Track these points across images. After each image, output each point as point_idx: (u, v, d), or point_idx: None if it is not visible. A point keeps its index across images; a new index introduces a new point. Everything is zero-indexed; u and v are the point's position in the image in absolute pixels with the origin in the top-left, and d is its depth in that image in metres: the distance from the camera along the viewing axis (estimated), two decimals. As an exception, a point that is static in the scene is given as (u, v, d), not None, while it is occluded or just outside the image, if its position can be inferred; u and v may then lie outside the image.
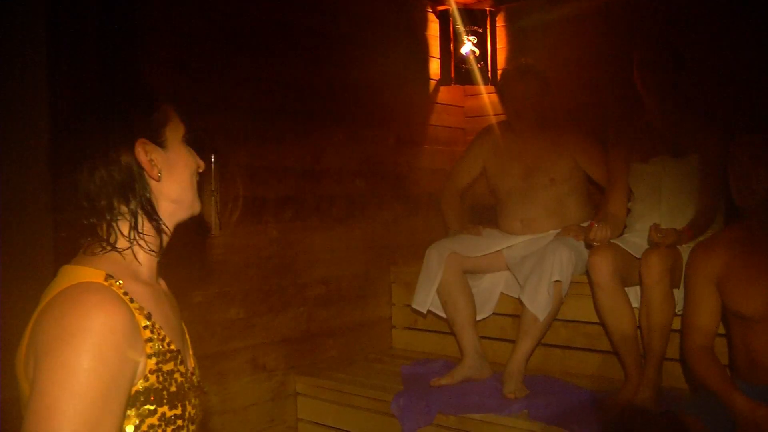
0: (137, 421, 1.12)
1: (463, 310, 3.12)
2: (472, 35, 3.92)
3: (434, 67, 3.97)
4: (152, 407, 1.13)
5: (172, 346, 1.20)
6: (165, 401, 1.15)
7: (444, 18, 3.95)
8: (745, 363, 2.19)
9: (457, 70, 3.94)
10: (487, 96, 4.03)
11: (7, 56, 2.98)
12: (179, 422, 1.17)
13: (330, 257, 3.37)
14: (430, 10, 3.96)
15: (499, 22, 4.03)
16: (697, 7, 3.33)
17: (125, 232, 1.22)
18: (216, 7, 2.87)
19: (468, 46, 3.92)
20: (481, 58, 3.94)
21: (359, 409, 3.01)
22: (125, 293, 1.16)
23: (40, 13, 2.73)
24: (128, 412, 1.11)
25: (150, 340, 1.15)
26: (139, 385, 1.12)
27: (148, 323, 1.17)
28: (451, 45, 3.93)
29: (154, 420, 1.14)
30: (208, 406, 2.85)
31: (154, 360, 1.15)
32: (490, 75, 3.97)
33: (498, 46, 4.02)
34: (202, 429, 1.38)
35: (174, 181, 1.27)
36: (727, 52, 3.24)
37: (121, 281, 1.17)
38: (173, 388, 1.17)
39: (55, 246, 2.65)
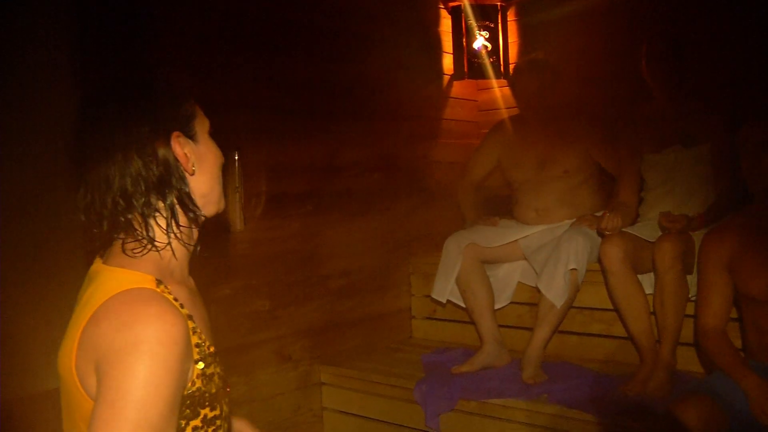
0: (183, 424, 1.13)
1: (481, 299, 3.21)
2: (483, 30, 3.99)
3: (447, 62, 4.05)
4: (196, 410, 1.14)
5: (212, 349, 1.20)
6: (207, 404, 1.16)
7: (456, 14, 4.02)
8: (756, 343, 2.26)
9: (470, 65, 4.02)
10: (499, 90, 4.10)
11: (32, 53, 3.08)
12: (218, 422, 1.18)
13: (350, 249, 3.45)
14: (442, 6, 4.03)
15: (510, 17, 4.10)
16: (702, 2, 3.39)
17: (163, 227, 1.20)
18: (236, 8, 2.95)
19: (480, 41, 3.99)
20: (493, 52, 4.01)
21: (382, 396, 3.10)
22: (175, 299, 1.16)
23: (64, 17, 2.82)
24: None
25: (198, 345, 1.16)
26: (187, 390, 1.13)
27: (195, 328, 1.17)
28: (464, 40, 4.01)
29: (197, 422, 1.15)
30: (235, 396, 2.95)
31: (200, 365, 1.15)
32: (502, 69, 4.04)
33: (510, 41, 4.09)
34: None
35: (205, 175, 1.25)
36: (732, 42, 3.30)
37: (169, 287, 1.17)
38: (213, 390, 1.18)
39: (84, 246, 2.75)
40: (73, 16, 2.78)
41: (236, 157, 2.92)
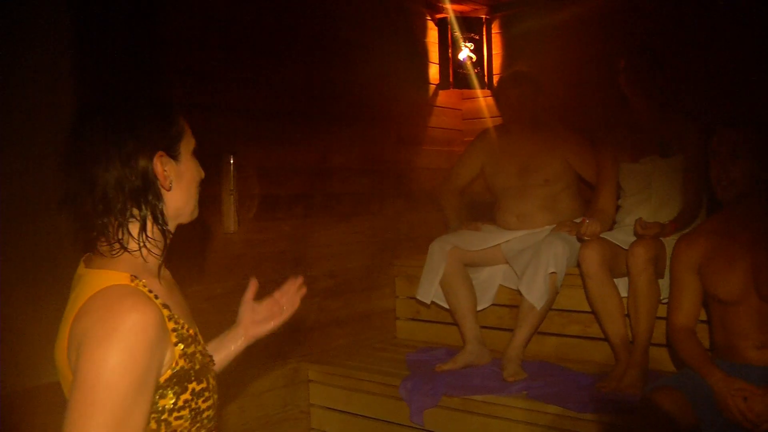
0: (174, 398, 1.28)
1: (464, 300, 3.33)
2: (469, 42, 4.13)
3: (433, 71, 4.18)
4: (184, 385, 1.30)
5: (191, 331, 1.35)
6: (193, 378, 1.31)
7: (442, 25, 4.16)
8: (723, 343, 2.39)
9: (455, 75, 4.15)
10: (483, 99, 4.24)
11: (34, 56, 3.15)
12: (206, 394, 1.35)
13: (338, 251, 3.57)
14: (429, 17, 4.16)
15: (495, 29, 4.24)
16: (675, 14, 3.56)
17: (134, 234, 1.32)
18: (229, 15, 3.05)
19: (465, 52, 4.13)
20: (478, 63, 4.15)
21: (368, 393, 3.21)
22: (150, 291, 1.30)
23: (65, 20, 2.90)
24: (165, 392, 1.27)
25: (174, 330, 1.30)
26: (171, 370, 1.28)
27: (171, 314, 1.31)
28: (449, 51, 4.14)
29: (187, 395, 1.30)
30: (226, 392, 3.04)
31: (180, 346, 1.30)
32: (486, 79, 4.18)
33: (493, 52, 4.24)
34: (220, 412, 1.57)
35: (182, 191, 1.37)
36: (705, 55, 3.46)
37: (144, 281, 1.30)
38: (197, 366, 1.33)
39: (73, 241, 2.83)
40: (74, 21, 2.86)
41: (231, 161, 3.02)
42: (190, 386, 1.31)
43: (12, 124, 3.13)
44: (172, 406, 1.28)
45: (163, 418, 1.28)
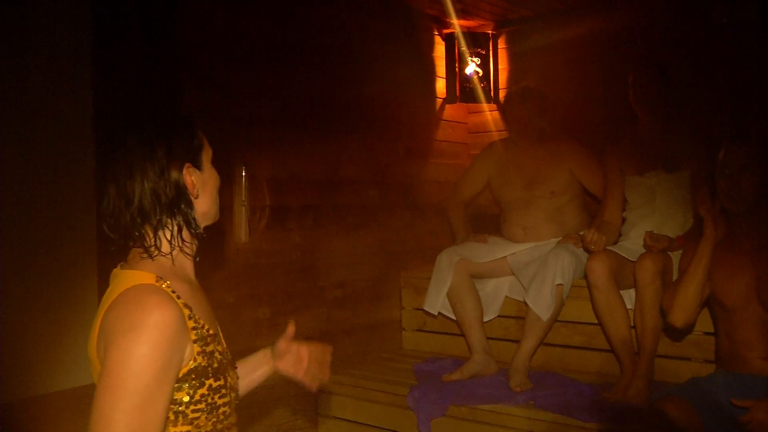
0: (191, 392, 1.37)
1: (471, 311, 3.38)
2: (475, 57, 4.20)
3: (440, 86, 4.25)
4: (201, 380, 1.38)
5: (210, 331, 1.43)
6: (210, 375, 1.39)
7: (449, 40, 4.23)
8: (727, 352, 2.43)
9: (462, 89, 4.22)
10: (489, 113, 4.30)
11: (55, 71, 3.22)
12: (223, 391, 1.42)
13: (346, 261, 3.62)
14: (436, 33, 4.23)
15: (501, 44, 4.31)
16: (681, 29, 3.63)
17: (168, 239, 1.43)
18: (244, 28, 3.12)
19: (472, 67, 4.19)
20: (484, 78, 4.22)
21: (376, 403, 3.24)
22: (173, 291, 1.39)
23: (86, 30, 2.96)
24: (183, 386, 1.36)
25: (194, 328, 1.39)
26: (190, 365, 1.36)
27: (191, 314, 1.40)
28: (456, 66, 4.21)
29: (203, 390, 1.38)
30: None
31: (198, 344, 1.39)
32: (492, 94, 4.25)
33: (500, 67, 4.30)
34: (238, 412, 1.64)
35: (206, 197, 1.49)
36: (711, 69, 3.53)
37: (168, 282, 1.40)
38: (215, 365, 1.41)
39: (99, 252, 2.88)
40: (94, 31, 2.93)
41: (243, 173, 3.08)
42: (207, 382, 1.39)
43: (36, 127, 3.20)
44: (188, 399, 1.36)
45: (180, 410, 1.36)
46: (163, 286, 1.38)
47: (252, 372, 1.79)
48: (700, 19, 3.55)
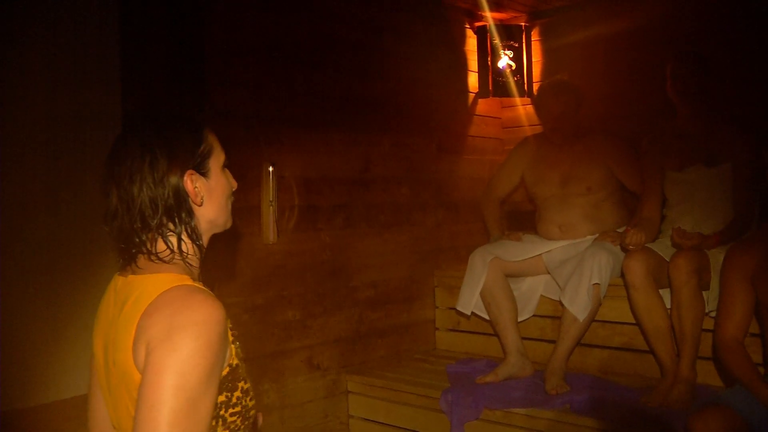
0: (229, 395, 1.32)
1: (506, 312, 3.29)
2: (508, 50, 4.11)
3: (473, 80, 4.16)
4: (235, 383, 1.33)
5: (235, 332, 1.40)
6: (241, 377, 1.35)
7: (482, 33, 4.14)
8: (777, 359, 2.34)
9: (495, 83, 4.13)
10: (522, 108, 4.21)
11: (83, 73, 3.23)
12: (251, 393, 1.38)
13: (378, 261, 3.56)
14: (468, 26, 4.14)
15: (534, 36, 4.21)
16: (723, 19, 3.49)
17: (174, 245, 1.39)
18: (273, 26, 3.08)
19: (504, 60, 4.10)
20: (517, 71, 4.12)
21: (408, 405, 3.19)
22: None
23: (114, 38, 2.96)
24: (222, 388, 1.30)
25: (231, 328, 1.35)
26: (229, 367, 1.32)
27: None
28: (489, 59, 4.12)
29: (239, 393, 1.33)
30: (266, 402, 3.05)
31: (237, 344, 1.35)
32: (526, 87, 4.15)
33: (533, 60, 4.20)
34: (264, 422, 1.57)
35: (212, 205, 1.43)
36: (757, 60, 3.39)
37: (199, 282, 1.35)
38: (242, 366, 1.38)
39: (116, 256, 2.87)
40: (121, 33, 2.93)
41: (270, 171, 3.04)
42: (240, 384, 1.35)
43: (64, 129, 3.22)
44: (227, 402, 1.32)
45: (220, 414, 1.31)
46: (199, 285, 1.34)
47: None
48: (745, 6, 3.41)
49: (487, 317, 3.39)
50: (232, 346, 1.34)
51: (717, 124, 3.11)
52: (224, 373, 1.31)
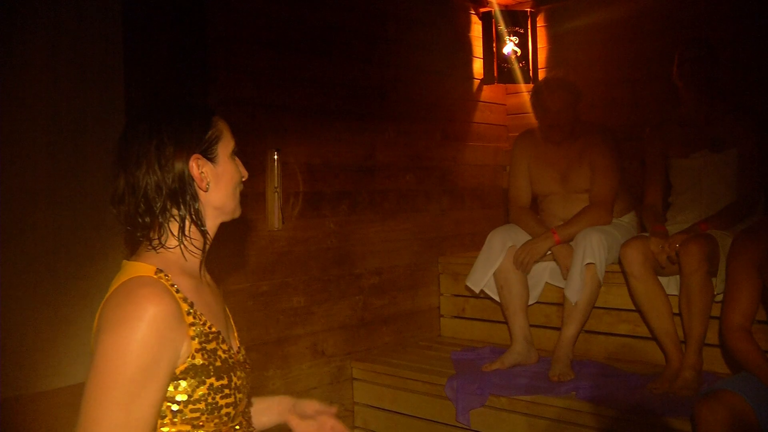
0: (190, 391, 1.32)
1: (517, 297, 3.26)
2: (513, 36, 4.08)
3: (477, 66, 4.14)
4: (201, 379, 1.33)
5: (213, 329, 1.38)
6: (212, 374, 1.34)
7: (486, 19, 4.11)
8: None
9: (500, 70, 4.11)
10: (528, 94, 4.14)
11: (86, 62, 3.22)
12: (226, 391, 1.37)
13: (383, 248, 3.55)
14: (473, 11, 4.12)
15: (540, 22, 4.18)
16: (730, 6, 3.47)
17: (175, 232, 1.40)
18: (277, 13, 3.07)
19: (510, 46, 4.08)
20: (523, 57, 4.10)
21: (413, 392, 3.19)
22: (172, 285, 1.34)
23: (117, 27, 2.95)
24: (180, 383, 1.32)
25: (193, 324, 1.34)
26: (188, 363, 1.32)
27: (190, 310, 1.35)
28: (494, 45, 4.10)
29: (203, 390, 1.33)
30: (271, 389, 3.05)
31: (197, 341, 1.34)
32: (531, 74, 4.13)
33: (539, 46, 4.17)
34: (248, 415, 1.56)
35: (219, 191, 1.44)
36: (763, 46, 3.36)
37: (169, 275, 1.36)
38: (218, 363, 1.36)
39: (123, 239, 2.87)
40: (125, 20, 2.91)
41: (275, 157, 3.02)
42: (209, 381, 1.34)
43: (67, 119, 3.21)
44: (186, 398, 1.33)
45: (177, 408, 1.32)
46: (162, 278, 1.34)
47: (260, 414, 1.66)
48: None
49: (494, 297, 3.36)
50: (193, 342, 1.34)
51: (722, 108, 3.09)
52: (180, 369, 1.32)
